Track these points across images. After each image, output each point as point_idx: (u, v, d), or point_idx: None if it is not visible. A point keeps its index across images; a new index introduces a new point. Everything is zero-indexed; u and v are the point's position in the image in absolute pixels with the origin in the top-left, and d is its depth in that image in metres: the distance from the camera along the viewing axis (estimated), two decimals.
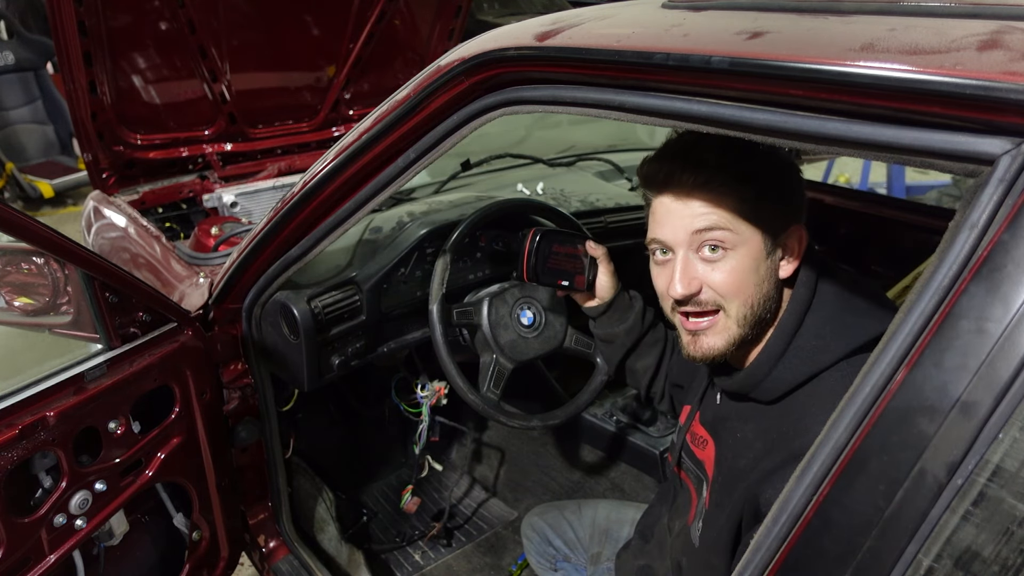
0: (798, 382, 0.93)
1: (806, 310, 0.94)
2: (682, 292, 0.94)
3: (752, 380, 0.97)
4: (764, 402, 0.98)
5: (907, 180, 4.90)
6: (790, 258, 0.96)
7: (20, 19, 6.04)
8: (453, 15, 2.67)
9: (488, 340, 1.45)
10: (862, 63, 0.60)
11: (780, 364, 0.94)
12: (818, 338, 0.93)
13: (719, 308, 0.95)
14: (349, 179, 1.17)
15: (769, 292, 0.95)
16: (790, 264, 0.96)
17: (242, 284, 1.43)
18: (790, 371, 0.94)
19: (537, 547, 1.62)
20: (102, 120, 2.14)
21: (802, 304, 0.94)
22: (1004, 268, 0.53)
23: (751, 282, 0.93)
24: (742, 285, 0.93)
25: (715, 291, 0.94)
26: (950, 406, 0.55)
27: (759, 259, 0.93)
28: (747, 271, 0.93)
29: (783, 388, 0.95)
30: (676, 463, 1.20)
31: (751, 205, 0.91)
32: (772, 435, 0.95)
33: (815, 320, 0.94)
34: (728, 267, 0.93)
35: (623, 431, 2.12)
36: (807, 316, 0.94)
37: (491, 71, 0.94)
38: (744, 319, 0.95)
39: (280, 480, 1.72)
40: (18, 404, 1.13)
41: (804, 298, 0.94)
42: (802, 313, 0.94)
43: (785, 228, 0.95)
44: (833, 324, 0.93)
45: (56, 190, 5.59)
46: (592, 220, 1.85)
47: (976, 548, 0.55)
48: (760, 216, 0.92)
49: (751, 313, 0.94)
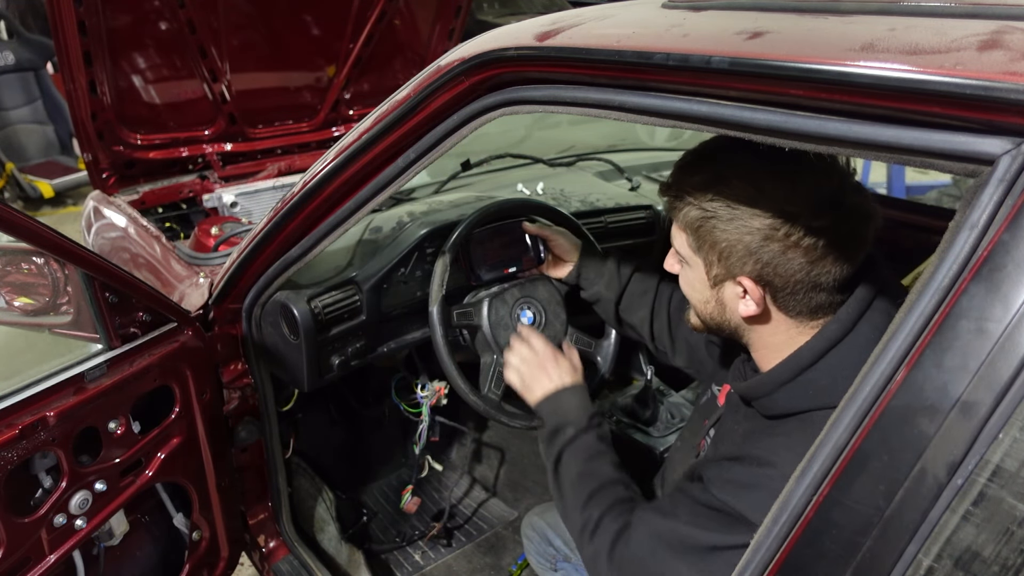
0: (793, 411, 0.94)
1: (831, 347, 0.90)
2: (667, 268, 1.09)
3: (754, 392, 0.99)
4: (762, 415, 1.00)
5: (907, 180, 4.90)
6: (749, 300, 0.93)
7: (20, 19, 6.03)
8: (453, 15, 2.67)
9: (488, 340, 1.45)
10: (862, 63, 0.60)
11: (783, 389, 0.94)
12: (830, 379, 0.90)
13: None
14: (349, 179, 1.17)
15: (716, 314, 1.01)
16: (749, 307, 0.93)
17: (242, 284, 1.43)
18: (788, 399, 0.94)
19: (537, 547, 1.62)
20: (102, 120, 2.14)
21: (827, 342, 0.91)
22: (1004, 268, 0.53)
23: (696, 298, 1.03)
24: (689, 295, 1.05)
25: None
26: (950, 406, 0.55)
27: (702, 285, 0.99)
28: (691, 287, 1.03)
29: (779, 411, 0.95)
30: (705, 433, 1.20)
31: (696, 245, 0.96)
32: (751, 436, 0.98)
33: (836, 360, 0.90)
34: (682, 275, 1.05)
35: (623, 431, 2.12)
36: (830, 353, 0.90)
37: (491, 71, 0.94)
38: (700, 318, 1.05)
39: (280, 480, 1.72)
40: (18, 404, 1.13)
41: (834, 336, 0.90)
42: (824, 350, 0.91)
43: (734, 275, 0.93)
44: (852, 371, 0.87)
45: (56, 190, 5.58)
46: (592, 220, 1.85)
47: (976, 548, 0.55)
48: (704, 255, 0.96)
49: (703, 318, 1.04)
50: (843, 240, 0.88)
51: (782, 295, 0.91)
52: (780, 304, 0.93)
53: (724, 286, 0.96)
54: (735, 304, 0.96)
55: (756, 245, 0.88)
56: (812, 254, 0.87)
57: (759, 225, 0.88)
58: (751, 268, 0.90)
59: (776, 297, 0.92)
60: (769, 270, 0.89)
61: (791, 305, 0.92)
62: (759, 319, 0.95)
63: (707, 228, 0.93)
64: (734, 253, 0.91)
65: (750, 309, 0.93)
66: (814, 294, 0.91)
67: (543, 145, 2.62)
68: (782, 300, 0.92)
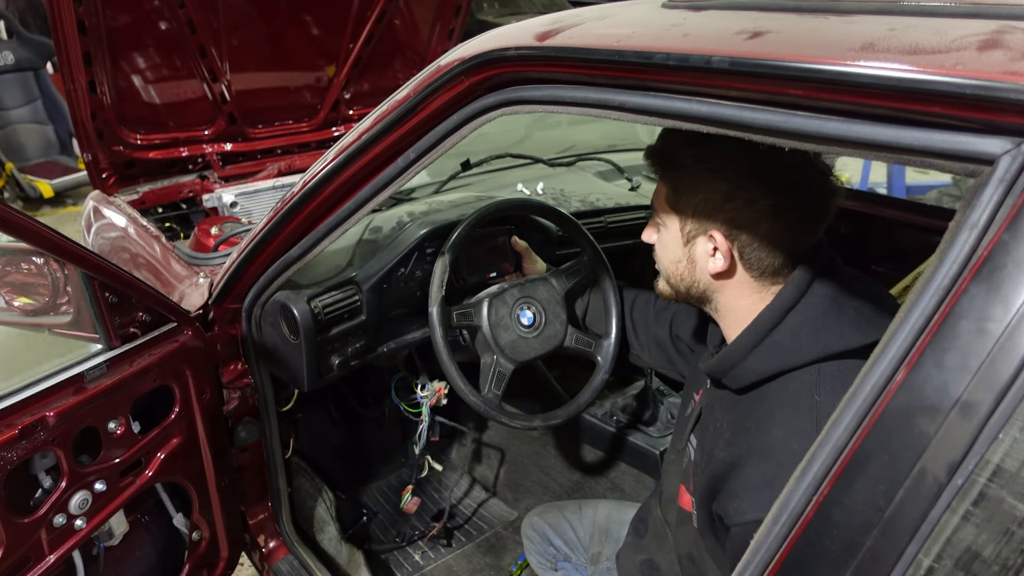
0: (766, 375, 0.97)
1: (789, 308, 0.97)
2: (643, 238, 1.14)
3: (723, 365, 1.02)
4: (734, 390, 1.03)
5: (907, 180, 4.90)
6: (718, 258, 0.99)
7: (20, 19, 6.03)
8: (453, 15, 2.67)
9: (488, 341, 1.45)
10: (862, 63, 0.60)
11: (751, 355, 0.98)
12: (793, 338, 0.96)
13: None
14: (349, 179, 1.17)
15: (686, 274, 1.05)
16: (716, 264, 1.00)
17: (242, 284, 1.43)
18: (759, 363, 0.98)
19: (537, 547, 1.62)
20: (102, 120, 2.14)
21: (785, 302, 0.97)
22: (1004, 268, 0.53)
23: (667, 258, 1.08)
24: (660, 256, 1.10)
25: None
26: (950, 406, 0.55)
27: (675, 243, 1.05)
28: (663, 247, 1.08)
29: (750, 379, 0.99)
30: (683, 446, 1.21)
31: (672, 196, 1.02)
32: (737, 427, 1.00)
33: (796, 320, 0.97)
34: (656, 237, 1.10)
35: (623, 431, 2.12)
36: (789, 314, 0.97)
37: (491, 71, 0.94)
38: (669, 282, 1.10)
39: (280, 480, 1.72)
40: (18, 404, 1.13)
41: (790, 297, 0.97)
42: (784, 311, 0.97)
43: (705, 229, 0.99)
44: (812, 327, 0.96)
45: (56, 190, 5.58)
46: (592, 220, 1.85)
47: (976, 548, 0.55)
48: (678, 208, 1.02)
49: (672, 281, 1.09)
50: (808, 202, 0.97)
51: (748, 250, 0.98)
52: (745, 261, 0.99)
53: (696, 243, 1.02)
54: (704, 262, 1.01)
55: (730, 196, 0.95)
56: (779, 210, 0.95)
57: (733, 177, 0.95)
58: (722, 220, 0.97)
59: (743, 253, 0.98)
60: (739, 223, 0.96)
61: (754, 262, 0.98)
62: (725, 275, 1.01)
63: (687, 179, 1.00)
64: (709, 203, 0.98)
65: (718, 265, 0.99)
66: (777, 253, 0.97)
67: (543, 145, 2.62)
68: (747, 256, 0.98)
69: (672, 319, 1.45)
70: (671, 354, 1.46)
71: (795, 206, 0.95)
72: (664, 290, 1.13)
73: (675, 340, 1.44)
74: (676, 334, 1.43)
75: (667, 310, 1.49)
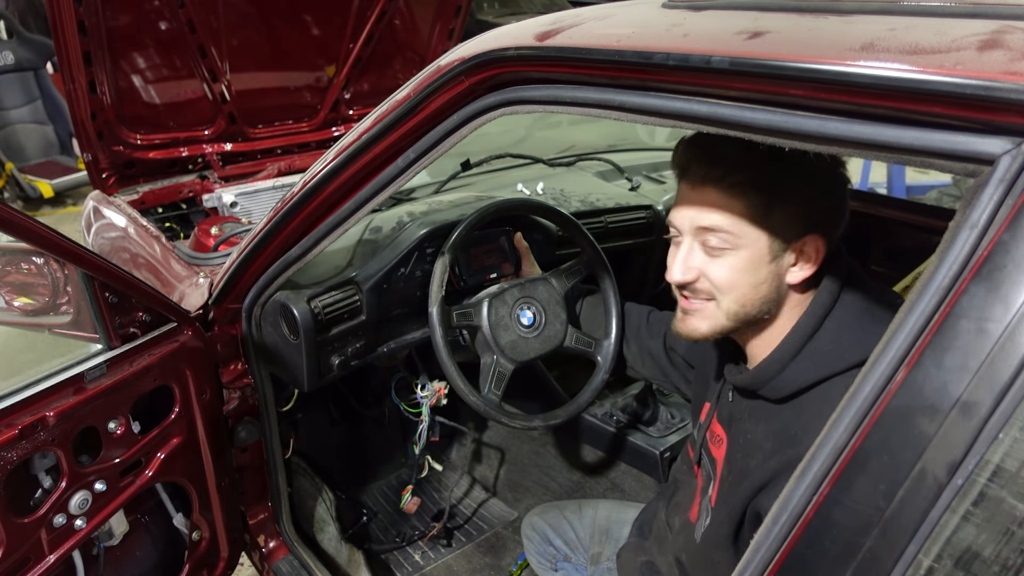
0: (808, 384, 0.94)
1: (826, 314, 0.95)
2: (678, 279, 0.99)
3: (762, 377, 0.98)
4: (773, 400, 0.99)
5: (907, 180, 4.90)
6: (805, 264, 0.95)
7: (20, 19, 6.03)
8: (453, 15, 2.67)
9: (488, 341, 1.45)
10: (862, 63, 0.60)
11: (792, 364, 0.95)
12: (835, 343, 0.93)
13: (712, 297, 0.97)
14: (349, 179, 1.17)
15: (767, 295, 0.96)
16: (803, 271, 0.95)
17: (242, 284, 1.43)
18: (801, 372, 0.95)
19: (537, 547, 1.62)
20: (102, 120, 2.14)
21: (823, 308, 0.95)
22: (1004, 268, 0.53)
23: (747, 282, 0.95)
24: (737, 283, 0.95)
25: (711, 283, 0.96)
26: (950, 406, 0.55)
27: (760, 262, 0.94)
28: (745, 272, 0.94)
29: (792, 388, 0.95)
30: (696, 460, 1.20)
31: (761, 211, 0.91)
32: (781, 436, 0.96)
33: (834, 325, 0.94)
34: (727, 264, 0.95)
35: (623, 431, 2.12)
36: (826, 320, 0.95)
37: (491, 71, 0.94)
38: (734, 315, 0.97)
39: (280, 480, 1.72)
40: (18, 404, 1.13)
41: (826, 303, 0.95)
42: (822, 317, 0.95)
43: (799, 236, 0.93)
44: (851, 331, 0.94)
45: (56, 190, 5.58)
46: (592, 220, 1.85)
47: (976, 548, 0.55)
48: (769, 222, 0.92)
49: (742, 311, 0.96)
50: (844, 199, 0.96)
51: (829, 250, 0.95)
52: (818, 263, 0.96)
53: (783, 256, 0.94)
54: (785, 275, 0.95)
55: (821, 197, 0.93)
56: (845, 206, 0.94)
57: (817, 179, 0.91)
58: (817, 222, 0.93)
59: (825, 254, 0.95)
60: (831, 223, 0.94)
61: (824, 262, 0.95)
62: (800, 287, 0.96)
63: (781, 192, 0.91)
64: (807, 207, 0.92)
65: (804, 273, 0.95)
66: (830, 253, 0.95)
67: (543, 145, 2.63)
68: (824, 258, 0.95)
69: (666, 331, 1.44)
70: (665, 366, 1.45)
71: (842, 199, 0.95)
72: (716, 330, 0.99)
73: (669, 352, 1.42)
74: (670, 346, 1.42)
75: (660, 322, 1.48)
